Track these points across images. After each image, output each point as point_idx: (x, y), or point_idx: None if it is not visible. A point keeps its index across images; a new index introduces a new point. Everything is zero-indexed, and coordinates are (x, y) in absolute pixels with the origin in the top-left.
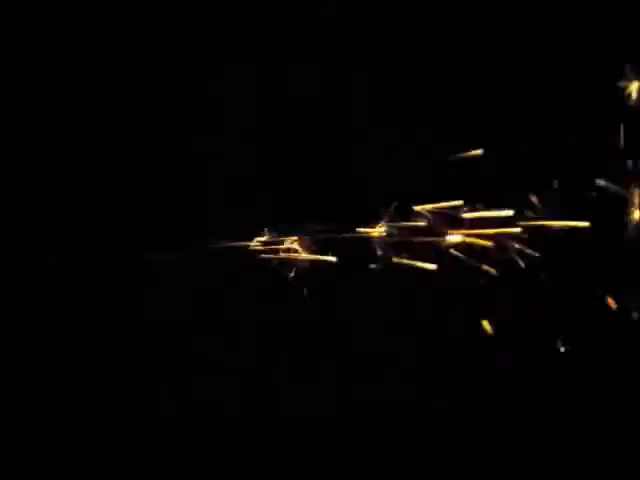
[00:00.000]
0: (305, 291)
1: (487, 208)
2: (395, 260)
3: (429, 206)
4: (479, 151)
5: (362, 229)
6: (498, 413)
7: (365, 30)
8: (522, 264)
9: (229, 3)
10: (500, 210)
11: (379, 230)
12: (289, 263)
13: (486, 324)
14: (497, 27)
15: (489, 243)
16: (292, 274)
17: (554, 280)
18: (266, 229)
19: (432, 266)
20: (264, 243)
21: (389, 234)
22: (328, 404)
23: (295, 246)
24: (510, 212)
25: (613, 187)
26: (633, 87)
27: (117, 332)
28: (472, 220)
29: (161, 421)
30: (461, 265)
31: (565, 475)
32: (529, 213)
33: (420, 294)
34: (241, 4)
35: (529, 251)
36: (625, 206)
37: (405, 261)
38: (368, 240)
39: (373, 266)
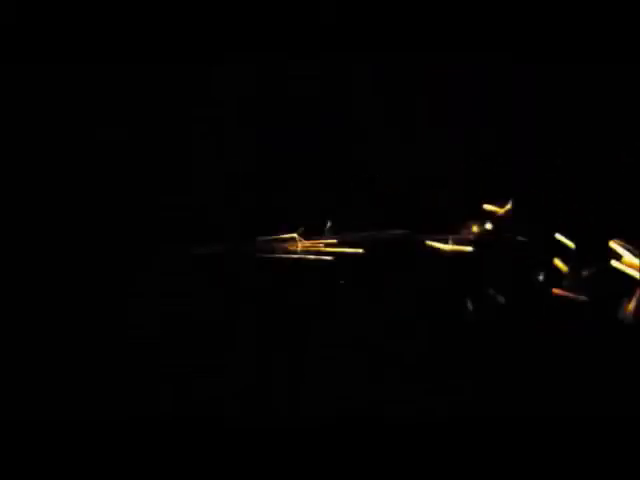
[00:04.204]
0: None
1: None
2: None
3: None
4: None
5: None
6: (498, 413)
7: (365, 30)
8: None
9: (229, 2)
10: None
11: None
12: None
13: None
14: (497, 27)
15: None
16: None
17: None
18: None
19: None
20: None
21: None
22: (328, 404)
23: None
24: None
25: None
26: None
27: (117, 332)
28: None
29: (161, 420)
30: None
31: (565, 475)
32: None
33: (420, 294)
34: (241, 4)
35: None
36: None
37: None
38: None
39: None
